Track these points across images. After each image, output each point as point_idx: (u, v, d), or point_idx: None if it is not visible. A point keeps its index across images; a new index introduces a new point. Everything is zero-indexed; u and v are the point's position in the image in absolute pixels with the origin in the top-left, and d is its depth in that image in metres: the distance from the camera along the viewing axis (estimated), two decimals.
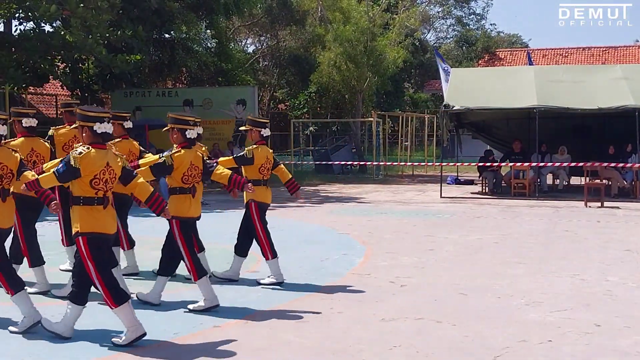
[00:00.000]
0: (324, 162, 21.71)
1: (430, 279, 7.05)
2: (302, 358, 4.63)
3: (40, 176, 5.06)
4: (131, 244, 7.26)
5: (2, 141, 5.39)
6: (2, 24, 16.46)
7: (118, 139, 7.00)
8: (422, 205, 14.07)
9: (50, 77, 18.56)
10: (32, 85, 18.27)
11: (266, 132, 6.95)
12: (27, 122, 6.44)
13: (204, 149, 7.13)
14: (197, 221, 6.14)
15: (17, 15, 16.24)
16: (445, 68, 20.26)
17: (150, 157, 6.62)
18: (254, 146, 6.89)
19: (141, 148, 7.27)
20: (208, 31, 25.65)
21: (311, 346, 4.84)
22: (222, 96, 20.66)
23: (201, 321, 5.46)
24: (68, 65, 19.13)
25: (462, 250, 8.76)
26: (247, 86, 23.63)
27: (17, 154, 5.44)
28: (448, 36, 49.30)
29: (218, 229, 10.68)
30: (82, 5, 15.01)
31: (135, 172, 5.47)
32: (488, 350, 4.75)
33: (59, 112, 22.48)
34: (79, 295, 5.00)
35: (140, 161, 6.52)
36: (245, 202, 6.96)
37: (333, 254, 8.47)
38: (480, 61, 41.23)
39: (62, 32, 15.90)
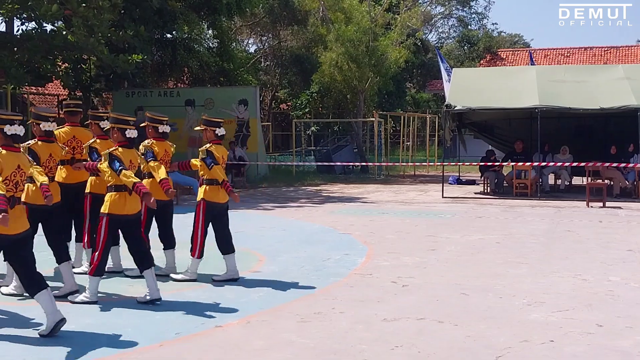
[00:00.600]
0: (325, 162, 21.71)
1: (432, 279, 7.04)
2: (304, 358, 4.62)
3: None
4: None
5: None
6: (4, 23, 16.47)
7: (93, 139, 7.01)
8: (424, 205, 14.05)
9: (52, 76, 18.55)
10: (33, 85, 18.29)
11: (220, 131, 6.98)
12: None
13: (173, 148, 7.27)
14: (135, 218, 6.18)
15: (18, 15, 16.23)
16: (447, 68, 20.24)
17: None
18: (209, 145, 6.91)
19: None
20: (210, 31, 25.63)
21: (313, 346, 4.83)
22: (223, 96, 20.65)
23: (203, 321, 5.46)
24: (70, 65, 19.13)
25: (464, 250, 8.74)
26: (249, 86, 23.61)
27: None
28: (450, 36, 49.33)
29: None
30: (83, 4, 15.01)
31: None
32: (490, 351, 4.74)
33: (61, 112, 22.53)
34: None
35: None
36: (197, 200, 6.99)
37: (335, 254, 8.46)
38: (482, 61, 41.19)
39: (64, 32, 15.90)
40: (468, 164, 18.71)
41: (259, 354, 4.69)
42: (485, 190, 16.76)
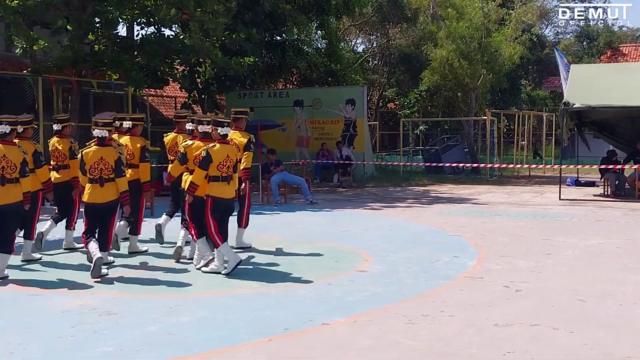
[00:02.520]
0: (434, 163, 21.37)
1: (547, 284, 6.74)
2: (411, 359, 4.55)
3: None
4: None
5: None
6: (125, 28, 17.39)
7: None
8: (540, 208, 13.53)
9: (170, 79, 19.37)
10: (152, 87, 19.18)
11: (223, 130, 7.23)
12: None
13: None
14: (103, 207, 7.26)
15: (139, 20, 17.09)
16: (565, 64, 19.38)
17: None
18: (210, 145, 7.25)
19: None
20: (318, 32, 25.88)
21: (421, 348, 4.75)
22: (331, 96, 20.78)
23: (310, 318, 5.50)
24: (186, 67, 19.90)
25: (582, 254, 8.33)
26: (356, 86, 23.64)
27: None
28: (567, 31, 47.27)
29: (325, 228, 10.75)
30: (199, 9, 15.58)
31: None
32: (608, 359, 4.48)
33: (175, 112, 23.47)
34: None
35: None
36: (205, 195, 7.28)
37: (443, 255, 8.28)
38: (602, 57, 39.21)
39: (181, 36, 16.58)
40: (588, 166, 17.89)
41: (365, 353, 4.66)
42: (606, 193, 15.97)
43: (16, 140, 7.13)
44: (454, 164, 19.41)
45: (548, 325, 5.27)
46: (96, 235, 7.22)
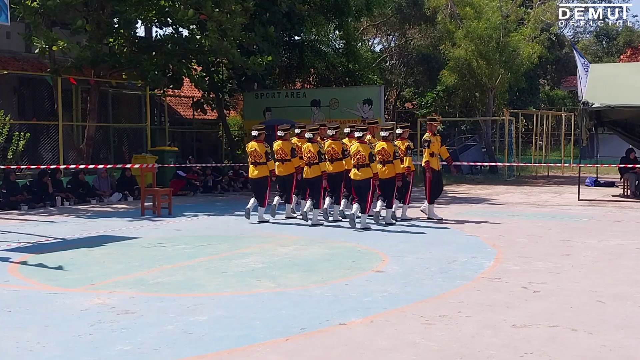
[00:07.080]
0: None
1: (565, 285, 6.69)
2: None
3: None
4: None
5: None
6: (143, 29, 17.51)
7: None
8: (558, 208, 13.43)
9: (187, 79, 19.47)
10: (170, 87, 19.29)
11: (330, 132, 11.37)
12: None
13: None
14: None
15: (157, 20, 17.19)
16: (584, 63, 19.21)
17: None
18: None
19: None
20: (336, 32, 25.86)
21: (438, 349, 4.73)
22: (348, 96, 20.77)
23: (327, 318, 5.50)
24: (204, 67, 19.98)
25: (601, 256, 8.26)
26: (374, 86, 23.59)
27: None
28: (587, 30, 46.87)
29: (342, 228, 10.73)
30: (217, 9, 15.64)
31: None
32: None
33: (196, 113, 23.56)
34: None
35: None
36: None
37: (461, 256, 8.25)
38: (622, 56, 38.82)
39: (199, 36, 16.66)
40: (607, 165, 17.73)
41: (382, 353, 4.65)
42: (625, 193, 15.82)
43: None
44: (472, 164, 19.34)
45: (566, 326, 5.23)
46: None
